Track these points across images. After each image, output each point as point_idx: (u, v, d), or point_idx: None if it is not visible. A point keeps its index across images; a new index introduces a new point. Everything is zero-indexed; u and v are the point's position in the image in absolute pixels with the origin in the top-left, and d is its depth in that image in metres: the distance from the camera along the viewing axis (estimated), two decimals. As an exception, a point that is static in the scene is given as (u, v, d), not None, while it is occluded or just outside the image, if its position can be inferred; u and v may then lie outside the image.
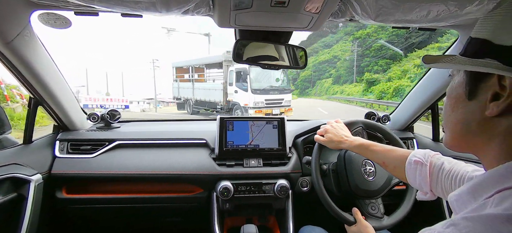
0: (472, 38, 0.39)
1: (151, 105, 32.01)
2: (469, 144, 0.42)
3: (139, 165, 1.19)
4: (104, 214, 1.29)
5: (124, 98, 19.37)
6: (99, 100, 16.53)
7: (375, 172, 1.03)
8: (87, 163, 1.18)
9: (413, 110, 1.42)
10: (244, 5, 0.75)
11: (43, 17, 0.85)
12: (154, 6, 0.78)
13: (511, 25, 0.35)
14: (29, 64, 0.93)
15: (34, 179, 1.02)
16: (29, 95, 1.10)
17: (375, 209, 1.02)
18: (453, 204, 0.41)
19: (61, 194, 1.16)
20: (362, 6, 0.74)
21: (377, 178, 1.02)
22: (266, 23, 0.87)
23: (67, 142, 1.22)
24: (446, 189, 0.63)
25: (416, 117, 1.45)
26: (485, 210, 0.32)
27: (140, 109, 33.09)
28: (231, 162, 1.23)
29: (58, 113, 1.20)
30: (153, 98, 25.61)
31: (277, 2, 0.72)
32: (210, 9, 0.81)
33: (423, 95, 1.34)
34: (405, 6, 0.75)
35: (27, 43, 0.89)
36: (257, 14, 0.79)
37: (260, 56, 1.11)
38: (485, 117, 0.37)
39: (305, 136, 1.34)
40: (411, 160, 0.70)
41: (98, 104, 16.49)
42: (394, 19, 0.82)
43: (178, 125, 1.61)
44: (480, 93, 0.38)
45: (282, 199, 1.22)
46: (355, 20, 0.84)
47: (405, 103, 1.48)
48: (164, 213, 1.35)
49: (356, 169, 1.02)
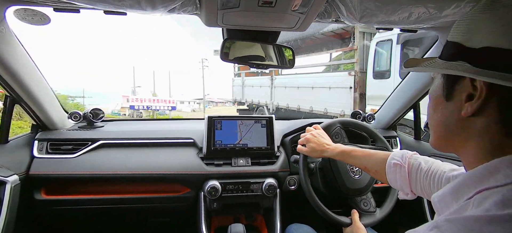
0: (448, 41, 0.41)
1: (201, 105, 31.36)
2: (450, 144, 0.43)
3: (124, 165, 1.16)
4: (88, 215, 1.26)
5: (171, 99, 19.01)
6: (146, 101, 16.20)
7: (360, 170, 1.05)
8: (69, 163, 1.13)
9: (396, 110, 1.47)
10: (231, 4, 0.74)
11: (19, 13, 0.80)
12: (139, 3, 0.76)
13: (480, 28, 0.36)
14: (4, 61, 0.89)
15: (10, 180, 0.97)
16: (5, 93, 1.05)
17: (367, 204, 1.05)
18: (436, 205, 0.42)
19: (40, 196, 1.11)
20: (348, 7, 0.76)
21: (363, 175, 1.05)
22: (253, 22, 0.87)
23: (46, 141, 1.17)
24: (425, 188, 0.65)
25: (399, 116, 1.50)
26: (466, 211, 0.33)
27: (191, 109, 31.54)
28: (219, 162, 1.23)
29: (36, 112, 1.15)
30: (202, 98, 25.16)
31: (264, 2, 0.72)
32: (197, 7, 0.80)
33: (405, 95, 1.39)
34: (388, 7, 0.77)
35: (2, 40, 0.85)
36: (245, 13, 0.79)
37: (248, 56, 1.11)
38: (462, 117, 0.39)
39: (293, 135, 1.36)
40: (390, 163, 0.72)
41: (144, 105, 16.18)
42: (378, 20, 0.85)
43: (165, 124, 1.58)
44: (456, 94, 0.40)
45: (270, 198, 1.23)
46: (340, 21, 0.86)
47: (389, 102, 1.52)
48: (151, 213, 1.33)
49: (343, 169, 1.04)
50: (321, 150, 0.93)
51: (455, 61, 0.39)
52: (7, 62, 0.90)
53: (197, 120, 1.64)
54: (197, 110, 30.10)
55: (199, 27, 0.95)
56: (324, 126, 1.08)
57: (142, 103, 15.89)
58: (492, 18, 0.35)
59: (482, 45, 0.35)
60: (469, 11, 0.39)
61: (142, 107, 16.02)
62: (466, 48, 0.37)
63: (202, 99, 25.11)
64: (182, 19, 6.17)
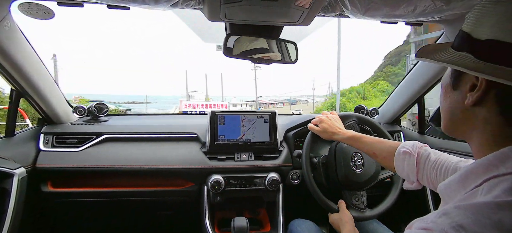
0: (460, 30, 0.41)
1: (252, 107, 30.94)
2: (458, 130, 0.44)
3: (129, 159, 1.17)
4: (93, 208, 1.27)
5: (224, 103, 18.07)
6: (198, 107, 15.75)
7: (363, 165, 1.06)
8: (74, 156, 1.15)
9: (400, 104, 1.46)
10: None
11: (24, 7, 0.81)
12: None
13: (488, 19, 0.36)
14: (10, 56, 0.90)
15: (17, 173, 0.99)
16: (11, 87, 1.06)
17: (358, 200, 1.06)
18: (443, 192, 0.42)
19: (46, 188, 1.13)
20: (352, 1, 0.75)
21: (365, 170, 1.05)
22: (257, 17, 0.87)
23: (52, 135, 1.19)
24: (431, 179, 0.66)
25: (403, 110, 1.49)
26: (476, 198, 0.34)
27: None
28: (222, 156, 1.23)
29: (41, 105, 1.16)
30: (254, 100, 24.82)
31: None
32: (200, 2, 0.80)
33: (409, 90, 1.38)
34: (393, 1, 0.76)
35: (7, 34, 0.85)
36: (248, 8, 0.79)
37: (251, 51, 1.11)
38: (466, 106, 0.39)
39: (296, 129, 1.36)
40: (400, 150, 0.73)
41: (197, 111, 15.21)
42: (383, 14, 0.84)
43: (169, 119, 1.59)
44: (462, 84, 0.40)
45: (273, 192, 1.24)
46: (344, 15, 0.85)
47: (393, 97, 1.51)
48: (155, 206, 1.34)
49: (345, 161, 1.05)
50: (332, 132, 0.96)
51: (462, 52, 0.39)
52: (13, 56, 0.91)
53: (201, 115, 1.65)
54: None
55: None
56: (341, 114, 1.10)
57: (195, 109, 15.42)
58: (498, 11, 0.35)
59: (486, 37, 0.35)
60: (479, 2, 0.38)
61: (195, 112, 15.53)
62: (473, 39, 0.37)
63: (254, 101, 24.74)
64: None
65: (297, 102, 71.32)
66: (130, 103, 32.36)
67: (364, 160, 1.07)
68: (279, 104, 61.08)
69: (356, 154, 1.07)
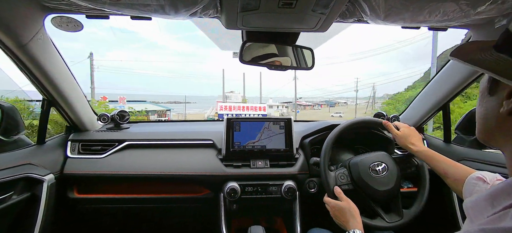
0: (506, 28, 0.37)
1: (289, 109, 30.15)
2: (492, 139, 0.41)
3: (148, 166, 1.20)
4: (114, 214, 1.31)
5: (262, 105, 16.46)
6: (235, 109, 14.90)
7: (385, 176, 1.01)
8: (98, 163, 1.20)
9: (424, 111, 1.40)
10: (251, 7, 0.75)
11: (56, 21, 0.87)
12: (163, 8, 0.79)
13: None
14: (43, 67, 0.96)
15: (47, 179, 1.04)
16: (42, 96, 1.12)
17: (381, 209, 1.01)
18: (469, 211, 0.39)
19: (73, 194, 1.18)
20: (371, 6, 0.73)
21: (387, 181, 1.00)
22: (273, 24, 0.87)
23: (78, 142, 1.25)
24: None
25: (427, 118, 1.42)
26: (503, 222, 0.30)
27: (279, 113, 29.34)
28: (238, 163, 1.24)
29: (70, 114, 1.22)
30: (291, 101, 24.61)
31: (285, 3, 0.72)
32: (218, 11, 0.82)
33: (434, 96, 1.31)
34: (415, 5, 0.73)
35: (40, 46, 0.91)
36: (264, 15, 0.79)
37: (267, 57, 1.11)
38: (502, 114, 0.36)
39: (313, 136, 1.33)
40: (474, 175, 0.71)
41: (234, 114, 14.22)
42: (404, 19, 0.81)
43: (186, 125, 1.62)
44: (499, 89, 0.37)
45: (289, 200, 1.22)
46: (363, 21, 0.83)
47: (416, 103, 1.45)
48: (173, 213, 1.36)
49: (365, 172, 1.01)
50: (411, 141, 0.97)
51: (503, 54, 0.36)
52: (45, 67, 0.97)
53: (216, 121, 1.67)
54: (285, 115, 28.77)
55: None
56: (339, 129, 1.09)
57: (231, 112, 14.54)
58: None
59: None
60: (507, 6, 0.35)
61: (231, 115, 15.44)
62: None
63: (291, 103, 24.23)
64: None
65: (335, 104, 69.57)
66: (172, 103, 33.29)
67: (387, 166, 1.02)
68: (317, 106, 59.61)
69: (375, 165, 1.02)
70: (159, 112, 28.74)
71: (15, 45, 0.83)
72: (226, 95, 23.00)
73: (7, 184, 0.94)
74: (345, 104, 73.97)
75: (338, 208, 0.92)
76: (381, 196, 0.99)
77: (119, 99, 21.16)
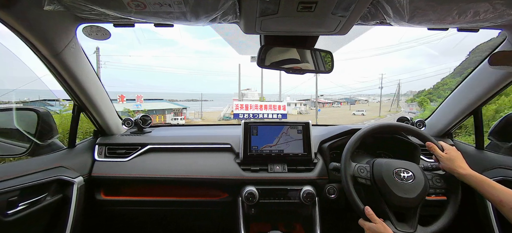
0: None
1: (307, 107, 28.51)
2: None
3: (168, 169, 1.24)
4: (137, 216, 1.36)
5: (281, 104, 14.74)
6: (251, 108, 13.65)
7: (411, 182, 0.96)
8: (122, 166, 1.25)
9: (453, 115, 1.32)
10: (270, 11, 0.75)
11: (86, 30, 0.93)
12: (184, 15, 0.81)
13: None
14: (74, 74, 1.02)
15: (76, 181, 1.10)
16: (73, 102, 1.19)
17: (409, 219, 0.95)
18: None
19: (100, 196, 1.24)
20: (395, 8, 0.71)
21: (414, 188, 0.95)
22: (292, 28, 0.87)
23: (105, 146, 1.31)
24: None
25: (456, 123, 1.33)
26: None
27: (297, 111, 28.68)
28: (255, 167, 1.24)
29: (97, 119, 1.29)
30: (309, 99, 23.52)
31: (304, 7, 0.71)
32: (237, 16, 0.83)
33: (464, 99, 1.23)
34: (443, 6, 0.69)
35: (73, 54, 0.98)
36: (283, 19, 0.79)
37: (285, 61, 1.11)
38: None
39: (332, 141, 1.30)
40: None
41: (250, 114, 13.36)
42: (430, 21, 0.77)
43: (205, 129, 1.66)
44: None
45: (308, 206, 1.20)
46: (386, 23, 0.80)
47: (444, 107, 1.37)
48: (193, 217, 1.39)
49: (389, 178, 0.96)
50: (458, 165, 0.92)
51: None
52: (76, 74, 1.04)
53: (234, 125, 1.69)
54: (303, 113, 26.44)
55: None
56: (379, 125, 1.06)
57: (247, 111, 13.43)
58: None
59: None
60: None
61: (247, 115, 13.35)
62: None
63: (309, 100, 23.03)
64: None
65: (356, 102, 67.26)
66: (189, 101, 33.15)
67: (414, 175, 0.97)
68: (336, 103, 57.83)
69: (400, 171, 0.98)
70: (175, 110, 28.96)
71: (50, 54, 0.90)
72: (243, 92, 21.03)
73: (42, 186, 1.01)
74: (366, 101, 71.15)
75: (373, 231, 0.90)
76: (398, 201, 0.93)
77: (137, 98, 21.21)
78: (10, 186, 0.91)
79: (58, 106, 8.56)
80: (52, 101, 8.11)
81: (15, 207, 0.92)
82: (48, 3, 0.70)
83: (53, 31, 0.85)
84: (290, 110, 15.77)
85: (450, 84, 24.02)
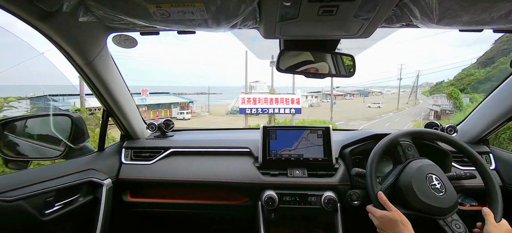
0: None
1: (319, 99, 27.82)
2: None
3: (189, 172, 1.27)
4: (161, 218, 1.40)
5: (295, 97, 12.70)
6: (260, 102, 12.00)
7: (443, 187, 0.91)
8: (147, 169, 1.30)
9: (489, 121, 1.22)
10: (290, 16, 0.75)
11: (116, 39, 0.99)
12: (206, 22, 0.84)
13: None
14: (104, 80, 1.09)
15: (105, 183, 1.17)
16: (103, 107, 1.26)
17: (459, 227, 0.88)
18: None
19: (127, 197, 1.30)
20: (422, 10, 0.67)
21: (447, 194, 0.90)
22: (312, 32, 0.86)
23: (131, 149, 1.37)
24: None
25: (493, 128, 1.23)
26: None
27: (308, 104, 27.83)
28: (275, 172, 1.23)
29: (124, 124, 1.35)
30: (320, 91, 22.37)
31: (325, 10, 0.70)
32: (257, 22, 0.84)
33: (503, 104, 1.14)
34: (477, 7, 0.64)
35: (103, 62, 1.04)
36: (303, 23, 0.79)
37: (305, 65, 1.10)
38: None
39: (354, 146, 1.26)
40: None
41: (259, 108, 11.88)
42: (462, 22, 0.72)
43: (225, 133, 1.68)
44: None
45: (330, 212, 1.17)
46: (412, 26, 0.76)
47: (479, 112, 1.28)
48: (213, 220, 1.41)
49: (420, 184, 0.91)
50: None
51: None
52: (106, 81, 1.10)
53: (253, 129, 1.70)
54: (315, 106, 25.15)
55: None
56: (387, 141, 1.01)
57: (255, 105, 11.86)
58: None
59: None
60: None
61: (255, 110, 11.87)
62: None
63: (320, 92, 21.47)
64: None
65: (369, 94, 64.56)
66: (198, 94, 32.14)
67: (444, 183, 0.92)
68: (349, 95, 55.65)
69: (431, 176, 0.92)
70: (181, 104, 28.52)
71: (84, 62, 0.96)
72: (251, 85, 17.77)
73: (75, 187, 1.08)
74: (380, 93, 67.77)
75: (387, 219, 0.84)
76: (420, 205, 0.88)
77: (142, 91, 20.27)
78: (48, 187, 0.97)
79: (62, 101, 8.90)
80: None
81: (52, 207, 0.98)
82: (83, 15, 0.75)
83: (86, 40, 0.92)
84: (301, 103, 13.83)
85: (477, 75, 21.91)
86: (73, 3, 0.69)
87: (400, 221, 0.81)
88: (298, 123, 13.84)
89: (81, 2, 0.71)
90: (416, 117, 23.47)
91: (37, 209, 0.93)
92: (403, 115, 25.18)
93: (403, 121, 21.34)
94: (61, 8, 0.70)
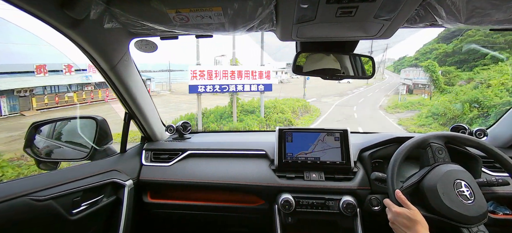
0: None
1: (288, 75, 26.36)
2: None
3: (206, 174, 1.29)
4: (179, 219, 1.42)
5: (264, 69, 10.69)
6: (218, 76, 9.70)
7: (472, 195, 0.85)
8: (165, 170, 1.33)
9: None
10: (307, 18, 0.74)
11: (137, 44, 1.03)
12: (223, 26, 0.85)
13: None
14: (127, 84, 1.13)
15: (127, 184, 1.21)
16: (125, 110, 1.30)
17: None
18: None
19: (147, 198, 1.33)
20: (448, 9, 0.63)
21: (476, 202, 0.84)
22: (330, 33, 0.85)
23: (150, 151, 1.41)
24: None
25: None
26: None
27: (278, 80, 25.87)
28: (291, 175, 1.22)
29: (144, 126, 1.39)
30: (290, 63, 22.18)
31: (343, 11, 0.69)
32: (273, 24, 0.84)
33: None
34: (510, 3, 0.60)
35: (126, 67, 1.08)
36: (321, 25, 0.78)
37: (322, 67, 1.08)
38: None
39: (373, 150, 1.22)
40: None
41: (215, 85, 9.69)
42: (493, 20, 0.67)
43: (241, 135, 1.69)
44: None
45: (349, 217, 1.14)
46: (437, 25, 0.73)
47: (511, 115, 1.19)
48: (231, 222, 1.41)
49: (447, 190, 0.87)
50: None
51: None
52: (128, 85, 1.14)
53: (269, 132, 1.69)
54: (285, 82, 23.65)
55: None
56: (417, 139, 0.97)
57: (210, 81, 9.55)
58: None
59: None
60: None
61: (210, 87, 9.54)
62: None
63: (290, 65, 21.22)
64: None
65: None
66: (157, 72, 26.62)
67: (473, 191, 0.86)
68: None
69: (460, 182, 0.87)
70: None
71: (108, 66, 1.01)
72: (216, 59, 13.88)
73: (100, 188, 1.13)
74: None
75: (404, 216, 0.79)
76: (443, 210, 0.83)
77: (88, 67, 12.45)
78: (75, 187, 1.02)
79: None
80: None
81: (79, 207, 1.03)
82: (108, 22, 0.79)
83: (110, 46, 0.96)
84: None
85: (444, 48, 20.83)
86: (99, 11, 0.73)
87: (419, 222, 0.77)
88: (269, 101, 12.53)
89: (107, 9, 0.74)
90: (387, 91, 22.89)
91: (66, 209, 0.98)
92: (374, 90, 24.25)
93: (376, 96, 20.64)
94: (88, 16, 0.74)
